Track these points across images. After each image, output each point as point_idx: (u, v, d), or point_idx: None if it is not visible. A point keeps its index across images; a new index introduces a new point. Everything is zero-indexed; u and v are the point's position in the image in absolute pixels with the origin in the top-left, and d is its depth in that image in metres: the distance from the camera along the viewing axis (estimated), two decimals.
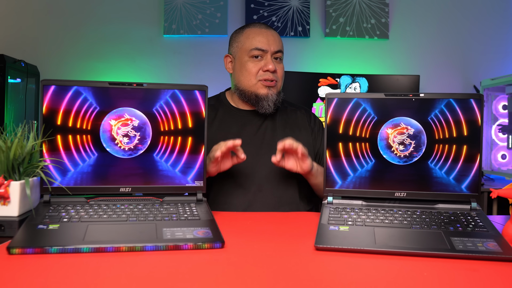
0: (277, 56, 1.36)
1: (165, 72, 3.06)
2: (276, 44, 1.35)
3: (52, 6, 3.04)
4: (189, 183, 1.06)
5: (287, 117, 1.42)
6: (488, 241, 0.83)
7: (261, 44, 1.33)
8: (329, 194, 1.07)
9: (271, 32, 1.37)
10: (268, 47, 1.33)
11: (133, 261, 0.74)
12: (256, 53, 1.33)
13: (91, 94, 1.02)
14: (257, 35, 1.35)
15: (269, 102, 1.33)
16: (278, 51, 1.35)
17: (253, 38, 1.35)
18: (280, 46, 1.36)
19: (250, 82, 1.34)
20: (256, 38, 1.34)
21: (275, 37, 1.36)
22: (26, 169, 0.95)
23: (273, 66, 1.32)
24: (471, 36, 3.16)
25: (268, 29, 1.37)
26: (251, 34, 1.36)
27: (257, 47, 1.33)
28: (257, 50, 1.33)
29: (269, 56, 1.33)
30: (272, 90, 1.34)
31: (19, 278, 0.65)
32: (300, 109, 1.46)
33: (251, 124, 1.37)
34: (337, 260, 0.77)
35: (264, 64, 1.33)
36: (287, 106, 1.46)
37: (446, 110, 1.04)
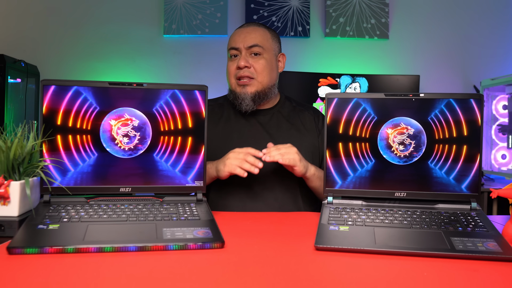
0: (255, 52, 1.34)
1: (165, 72, 3.06)
2: (251, 39, 1.34)
3: (52, 6, 3.04)
4: (189, 183, 1.06)
5: (294, 117, 1.41)
6: (488, 241, 0.83)
7: (234, 42, 1.35)
8: (329, 194, 1.07)
9: (248, 28, 1.37)
10: (240, 44, 1.34)
11: (133, 261, 0.74)
12: (232, 52, 1.36)
13: (91, 94, 1.02)
14: (234, 35, 1.38)
15: (246, 100, 1.33)
16: (252, 45, 1.33)
17: (231, 38, 1.38)
18: (256, 41, 1.34)
19: (230, 82, 1.37)
20: (232, 38, 1.38)
21: (250, 32, 1.35)
22: (26, 169, 0.95)
23: (244, 62, 1.31)
24: (471, 36, 3.16)
25: (247, 26, 1.38)
26: (231, 36, 1.40)
27: (231, 46, 1.36)
28: (232, 49, 1.36)
29: (243, 53, 1.33)
30: (247, 88, 1.33)
31: (19, 278, 0.65)
32: (308, 110, 1.45)
33: (256, 123, 1.37)
34: (337, 260, 0.77)
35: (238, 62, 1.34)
36: (295, 106, 1.44)
37: (446, 110, 1.04)
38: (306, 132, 1.38)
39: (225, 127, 1.36)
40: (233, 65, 1.35)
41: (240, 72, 1.33)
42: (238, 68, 1.33)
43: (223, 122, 1.38)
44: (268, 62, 1.35)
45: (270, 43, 1.37)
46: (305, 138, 1.36)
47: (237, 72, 1.34)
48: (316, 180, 1.26)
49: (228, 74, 1.38)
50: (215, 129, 1.36)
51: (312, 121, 1.41)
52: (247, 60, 1.32)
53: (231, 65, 1.36)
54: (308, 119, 1.41)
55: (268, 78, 1.35)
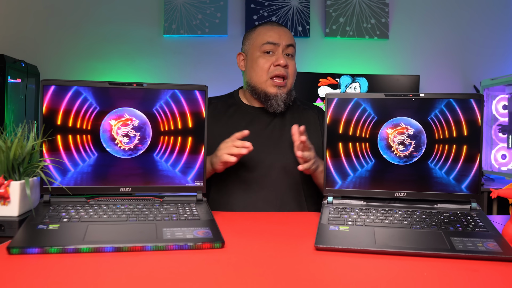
0: (288, 52, 1.34)
1: (165, 72, 3.06)
2: (288, 38, 1.34)
3: (52, 6, 3.04)
4: (189, 183, 1.06)
5: (298, 116, 1.40)
6: (488, 241, 0.83)
7: (272, 38, 1.33)
8: (329, 194, 1.07)
9: (283, 28, 1.37)
10: (280, 40, 1.32)
11: (133, 261, 0.74)
12: (267, 47, 1.32)
13: (91, 94, 1.02)
14: (268, 30, 1.35)
15: (279, 101, 1.33)
16: (289, 45, 1.34)
17: (265, 33, 1.35)
18: (292, 41, 1.35)
19: (261, 79, 1.33)
20: (267, 34, 1.34)
21: (286, 32, 1.36)
22: (26, 169, 0.95)
23: (284, 61, 1.31)
24: (471, 36, 3.16)
25: (280, 26, 1.38)
26: (263, 30, 1.36)
27: (268, 41, 1.32)
28: (269, 44, 1.32)
29: (280, 51, 1.32)
30: (282, 89, 1.33)
31: (19, 278, 0.65)
32: (312, 109, 1.45)
33: (260, 121, 1.36)
34: (337, 260, 0.77)
35: (275, 59, 1.31)
36: (299, 105, 1.44)
37: (446, 110, 1.04)
38: (310, 132, 1.37)
39: (229, 126, 1.35)
40: (268, 61, 1.32)
41: (279, 71, 1.31)
42: (277, 65, 1.31)
43: (225, 119, 1.37)
44: (295, 64, 1.37)
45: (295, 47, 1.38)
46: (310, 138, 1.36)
47: (274, 70, 1.31)
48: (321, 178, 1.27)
49: (260, 71, 1.33)
50: (218, 127, 1.34)
51: (316, 121, 1.41)
52: (285, 59, 1.31)
53: (265, 62, 1.32)
54: (313, 118, 1.41)
55: (294, 80, 1.37)
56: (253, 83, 1.35)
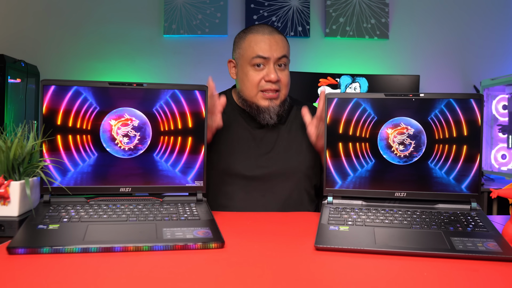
0: (281, 63, 1.27)
1: (165, 72, 3.06)
2: (280, 49, 1.26)
3: (52, 6, 3.04)
4: (189, 183, 1.06)
5: (293, 116, 1.38)
6: (488, 241, 0.83)
7: (262, 51, 1.25)
8: (329, 194, 1.07)
9: (274, 37, 1.27)
10: (271, 54, 1.25)
11: (133, 261, 0.74)
12: (257, 61, 1.26)
13: (91, 94, 1.02)
14: (259, 42, 1.26)
15: (271, 114, 1.28)
16: (282, 56, 1.26)
17: (255, 45, 1.27)
18: (284, 51, 1.27)
19: (251, 93, 1.28)
20: (258, 45, 1.26)
21: (278, 42, 1.27)
22: (26, 169, 0.95)
23: (275, 76, 1.24)
24: (471, 36, 3.16)
25: (271, 34, 1.28)
26: (253, 41, 1.27)
27: (258, 54, 1.25)
28: (259, 58, 1.26)
29: (271, 65, 1.25)
30: (274, 102, 1.28)
31: (19, 278, 0.65)
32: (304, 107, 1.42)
33: (255, 124, 1.34)
34: (337, 260, 0.77)
35: (266, 74, 1.26)
36: (293, 105, 1.41)
37: (446, 110, 1.04)
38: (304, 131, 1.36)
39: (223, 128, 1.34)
40: (258, 75, 1.26)
41: (270, 85, 1.26)
42: (268, 81, 1.26)
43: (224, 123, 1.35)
44: (288, 73, 1.32)
45: (289, 52, 1.32)
46: (304, 137, 1.35)
47: (265, 85, 1.26)
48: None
49: (249, 84, 1.27)
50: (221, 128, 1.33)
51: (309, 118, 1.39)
52: (277, 74, 1.26)
53: (255, 75, 1.26)
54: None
55: (288, 90, 1.32)
56: (244, 95, 1.31)
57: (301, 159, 1.31)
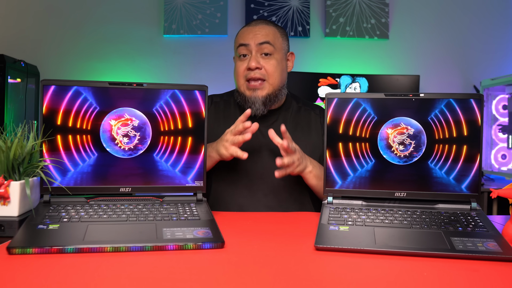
0: (264, 51, 1.27)
1: (165, 72, 3.07)
2: (261, 36, 1.26)
3: (52, 6, 3.05)
4: (189, 183, 1.06)
5: (300, 117, 1.37)
6: (488, 241, 0.83)
7: (243, 39, 1.28)
8: (329, 194, 1.07)
9: (258, 26, 1.29)
10: (250, 40, 1.26)
11: (133, 261, 0.74)
12: (241, 50, 1.28)
13: (91, 94, 1.02)
14: (242, 32, 1.31)
15: (256, 104, 1.27)
16: (263, 42, 1.26)
17: (239, 36, 1.31)
18: (267, 38, 1.27)
19: (238, 83, 1.31)
20: (241, 36, 1.30)
21: (260, 29, 1.28)
22: (26, 169, 0.95)
23: (255, 63, 1.24)
24: (471, 36, 3.16)
25: (256, 24, 1.30)
26: (239, 33, 1.32)
27: (240, 43, 1.28)
28: (241, 46, 1.28)
29: (253, 52, 1.26)
30: (258, 92, 1.27)
31: (19, 278, 0.65)
32: (315, 109, 1.41)
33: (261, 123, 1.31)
34: (337, 260, 0.77)
35: (247, 62, 1.27)
36: (301, 106, 1.40)
37: (446, 110, 1.04)
38: (311, 133, 1.36)
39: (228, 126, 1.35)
40: (242, 65, 1.28)
41: (251, 74, 1.26)
42: (248, 69, 1.26)
43: (229, 121, 1.34)
44: (279, 62, 1.30)
45: (280, 42, 1.31)
46: (310, 139, 1.34)
47: (247, 73, 1.27)
48: (312, 179, 1.23)
49: (236, 75, 1.31)
50: (219, 127, 1.32)
51: (318, 121, 1.38)
52: (258, 61, 1.26)
53: (240, 65, 1.29)
54: (314, 119, 1.38)
55: (279, 79, 1.30)
56: (236, 87, 1.34)
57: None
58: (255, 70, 1.26)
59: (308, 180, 1.24)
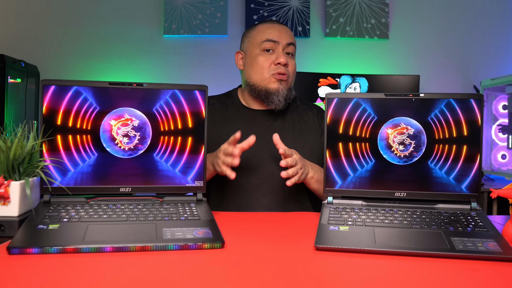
0: (289, 51, 1.33)
1: (165, 72, 3.07)
2: (289, 36, 1.33)
3: (52, 6, 3.04)
4: (189, 183, 1.06)
5: (298, 117, 1.39)
6: (488, 241, 0.83)
7: (273, 35, 1.31)
8: (329, 194, 1.07)
9: (283, 26, 1.36)
10: (280, 38, 1.31)
11: (133, 261, 0.74)
12: (267, 45, 1.31)
13: (91, 94, 1.02)
14: (268, 28, 1.34)
15: (280, 97, 1.30)
16: (290, 43, 1.32)
17: (265, 31, 1.33)
18: (292, 39, 1.34)
19: (261, 76, 1.31)
20: (267, 31, 1.33)
21: (287, 30, 1.35)
22: (26, 169, 0.95)
23: (284, 59, 1.29)
24: (471, 36, 3.16)
25: (280, 24, 1.37)
26: (263, 28, 1.35)
27: (268, 38, 1.31)
28: (269, 41, 1.31)
29: (280, 49, 1.31)
30: (283, 84, 1.31)
31: (19, 278, 0.65)
32: (312, 109, 1.42)
33: (260, 123, 1.35)
34: (337, 260, 0.77)
35: (275, 58, 1.30)
36: (299, 105, 1.42)
37: (446, 110, 1.04)
38: (309, 133, 1.36)
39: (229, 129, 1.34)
40: (267, 60, 1.31)
41: (281, 69, 1.29)
42: (278, 63, 1.30)
43: (228, 123, 1.35)
44: (295, 63, 1.37)
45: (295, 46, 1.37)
46: (308, 139, 1.35)
47: (275, 68, 1.30)
48: (314, 184, 1.24)
49: (259, 69, 1.31)
50: (216, 129, 1.33)
51: (315, 121, 1.39)
52: (285, 58, 1.30)
53: (265, 60, 1.31)
54: (312, 119, 1.39)
55: (294, 80, 1.37)
56: (252, 81, 1.33)
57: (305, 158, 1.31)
58: (285, 66, 1.31)
59: (310, 185, 1.25)
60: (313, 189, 1.27)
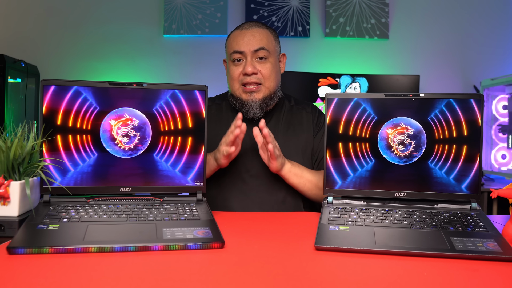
0: (260, 56, 1.27)
1: (165, 72, 3.06)
2: (255, 42, 1.27)
3: (52, 6, 3.04)
4: (189, 183, 1.06)
5: (292, 117, 1.38)
6: (488, 241, 0.83)
7: (238, 46, 1.28)
8: (329, 194, 1.07)
9: (251, 31, 1.29)
10: (245, 47, 1.27)
11: (133, 261, 0.74)
12: (235, 56, 1.28)
13: (91, 94, 1.02)
14: (236, 37, 1.30)
15: (253, 107, 1.28)
16: (258, 49, 1.27)
17: (232, 41, 1.30)
18: (262, 43, 1.27)
19: (233, 87, 1.31)
20: (234, 41, 1.29)
21: (255, 35, 1.28)
22: (26, 169, 0.95)
23: (251, 69, 1.25)
24: (471, 36, 3.16)
25: (249, 28, 1.30)
26: (232, 37, 1.32)
27: (234, 49, 1.28)
28: (235, 53, 1.28)
29: (248, 58, 1.27)
30: (254, 95, 1.28)
31: (19, 278, 0.65)
32: (306, 108, 1.41)
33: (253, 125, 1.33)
34: (337, 260, 0.77)
35: (243, 67, 1.27)
36: (293, 105, 1.41)
37: (446, 110, 1.04)
38: (302, 132, 1.36)
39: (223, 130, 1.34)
40: (237, 70, 1.28)
41: (247, 79, 1.27)
42: (244, 74, 1.27)
43: (222, 124, 1.34)
44: (274, 65, 1.30)
45: (273, 45, 1.32)
46: (301, 138, 1.35)
47: (243, 78, 1.28)
48: (293, 177, 1.23)
49: (230, 79, 1.31)
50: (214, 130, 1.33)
51: (309, 120, 1.38)
52: (254, 66, 1.26)
53: (235, 70, 1.29)
54: (306, 118, 1.38)
55: (274, 82, 1.31)
56: (231, 91, 1.34)
57: (299, 160, 1.31)
58: (252, 75, 1.27)
59: (289, 179, 1.25)
60: (293, 184, 1.26)
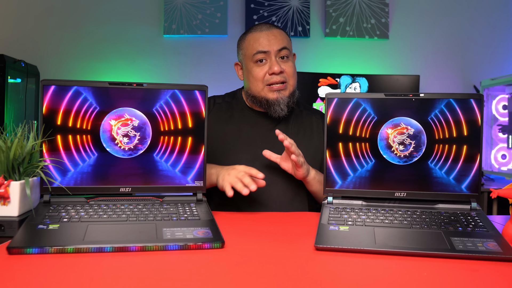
0: (282, 55, 1.31)
1: (165, 72, 3.06)
2: (279, 42, 1.31)
3: (52, 6, 3.04)
4: (189, 183, 1.06)
5: (302, 121, 1.39)
6: (488, 241, 0.83)
7: (262, 46, 1.30)
8: (329, 194, 1.07)
9: (272, 31, 1.33)
10: (270, 47, 1.30)
11: (133, 261, 0.74)
12: (259, 56, 1.30)
13: (91, 94, 1.02)
14: (257, 38, 1.32)
15: (281, 105, 1.30)
16: (282, 48, 1.30)
17: (254, 42, 1.32)
18: (284, 43, 1.32)
19: (258, 88, 1.31)
20: (257, 42, 1.31)
21: (276, 35, 1.32)
22: (26, 169, 0.95)
23: (278, 68, 1.28)
24: (471, 36, 3.16)
25: (269, 29, 1.33)
26: (252, 39, 1.33)
27: (258, 50, 1.30)
28: (260, 53, 1.30)
29: (273, 57, 1.30)
30: (282, 93, 1.30)
31: (19, 278, 0.65)
32: (316, 114, 1.43)
33: (263, 125, 1.35)
34: (337, 260, 0.77)
35: (269, 67, 1.29)
36: (303, 110, 1.43)
37: (446, 110, 1.04)
38: (313, 138, 1.37)
39: (234, 129, 1.35)
40: (261, 70, 1.30)
41: (275, 78, 1.29)
42: (272, 73, 1.29)
43: (232, 123, 1.36)
44: (294, 64, 1.36)
45: (291, 45, 1.36)
46: (312, 143, 1.36)
47: (270, 78, 1.29)
48: (316, 184, 1.25)
49: (254, 80, 1.31)
50: (221, 129, 1.34)
51: (319, 126, 1.40)
52: (279, 65, 1.29)
53: (259, 70, 1.30)
54: (316, 124, 1.40)
55: (295, 80, 1.35)
56: (252, 93, 1.34)
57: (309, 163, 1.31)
58: (279, 74, 1.30)
59: (312, 186, 1.26)
60: (314, 191, 1.28)
